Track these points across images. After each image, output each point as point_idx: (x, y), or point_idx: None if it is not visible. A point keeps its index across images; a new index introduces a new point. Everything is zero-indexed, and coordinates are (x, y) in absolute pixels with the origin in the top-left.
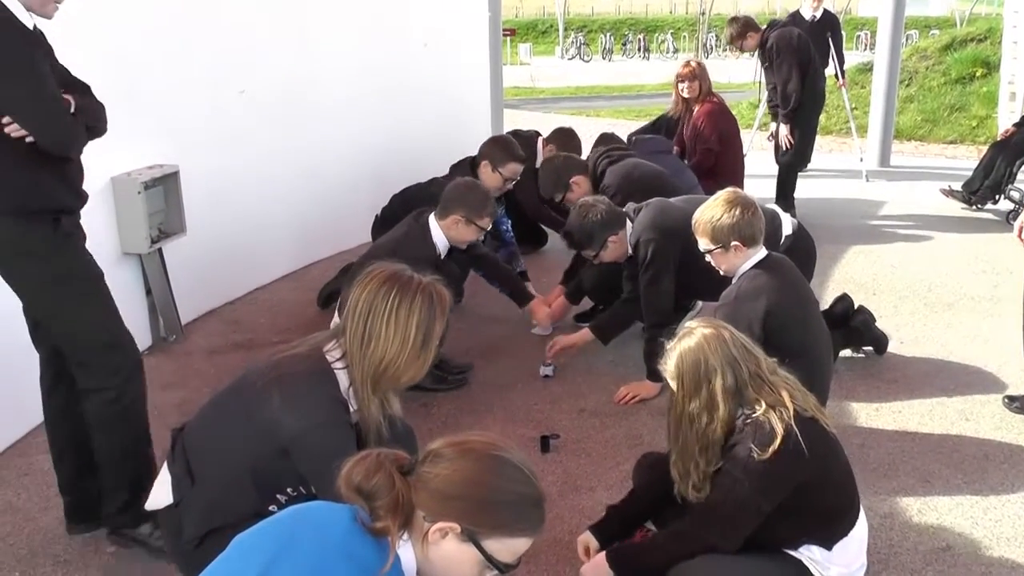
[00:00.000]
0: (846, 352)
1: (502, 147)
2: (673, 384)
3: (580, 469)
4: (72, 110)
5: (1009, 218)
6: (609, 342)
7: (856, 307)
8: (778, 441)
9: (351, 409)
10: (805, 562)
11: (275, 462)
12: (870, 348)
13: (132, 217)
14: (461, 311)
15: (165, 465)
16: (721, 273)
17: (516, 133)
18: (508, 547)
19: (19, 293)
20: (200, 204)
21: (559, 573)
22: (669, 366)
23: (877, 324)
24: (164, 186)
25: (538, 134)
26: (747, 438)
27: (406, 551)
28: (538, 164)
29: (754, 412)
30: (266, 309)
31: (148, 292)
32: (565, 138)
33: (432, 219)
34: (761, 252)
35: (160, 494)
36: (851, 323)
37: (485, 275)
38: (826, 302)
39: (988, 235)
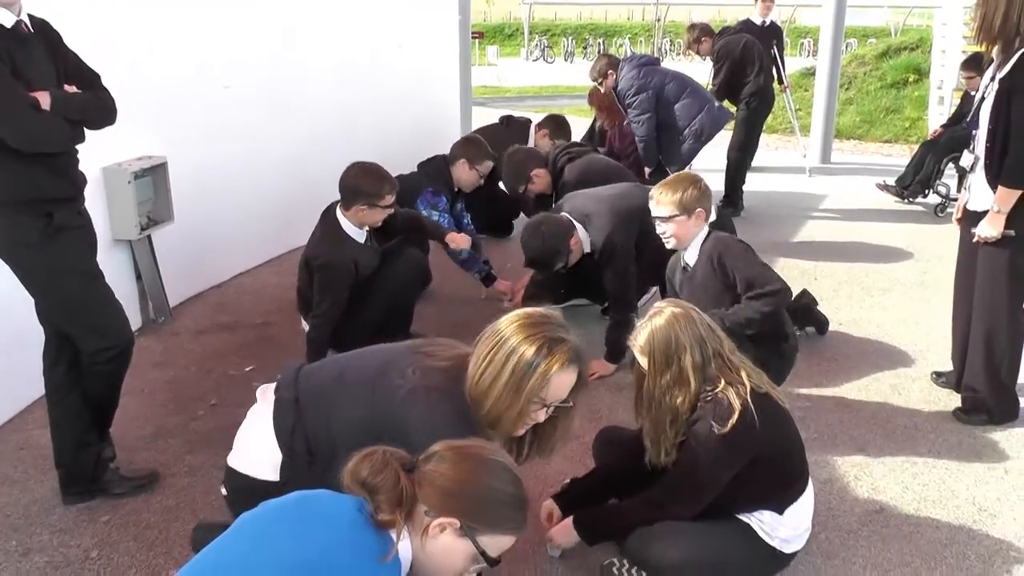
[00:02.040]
0: None
1: (477, 146)
2: (644, 360)
3: None
4: (44, 106)
5: (937, 211)
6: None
7: (800, 291)
8: (735, 416)
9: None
10: (754, 525)
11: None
12: (812, 329)
13: (122, 205)
14: (429, 293)
15: (272, 434)
16: (670, 245)
17: (510, 119)
18: (498, 543)
19: (19, 278)
20: (187, 193)
21: (529, 532)
22: (639, 342)
23: (819, 308)
24: (153, 176)
25: (530, 120)
26: (708, 414)
27: (403, 543)
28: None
29: (715, 388)
30: (250, 293)
31: (138, 277)
32: (557, 124)
33: (340, 214)
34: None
35: (254, 463)
36: (795, 305)
37: (412, 236)
38: None
39: (919, 226)
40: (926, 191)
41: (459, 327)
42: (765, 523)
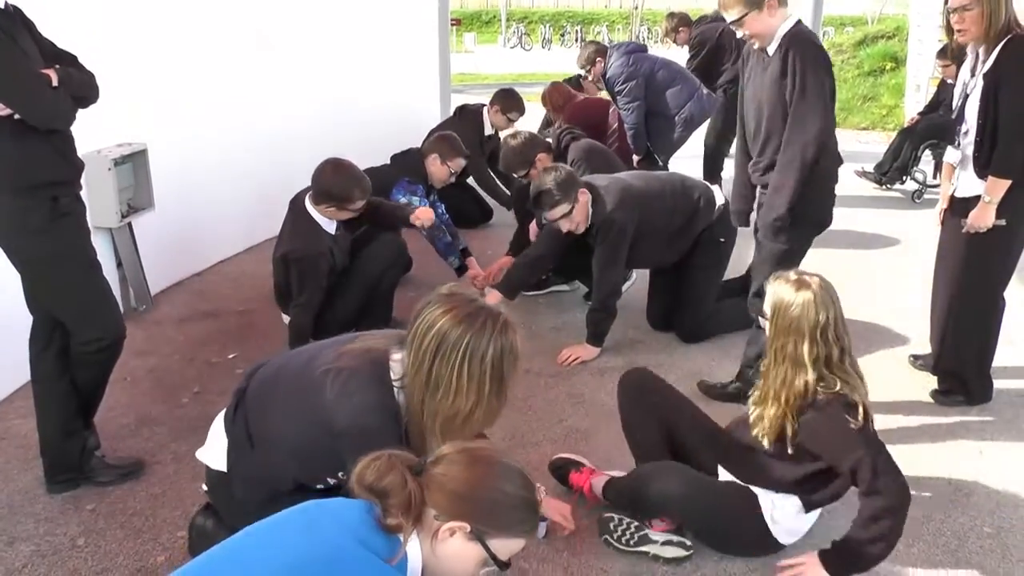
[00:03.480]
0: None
1: (450, 143)
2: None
3: (527, 425)
4: (55, 83)
5: (914, 197)
6: (514, 297)
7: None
8: (861, 412)
9: (402, 415)
10: (761, 500)
11: (326, 445)
12: None
13: (103, 193)
14: (409, 279)
15: (221, 422)
16: (756, 47)
17: (464, 107)
18: (508, 547)
19: (15, 265)
20: (168, 180)
21: None
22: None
23: None
24: (133, 163)
25: (483, 105)
26: (837, 410)
27: (413, 547)
28: (487, 131)
29: (833, 387)
30: (231, 280)
31: (119, 264)
32: (507, 97)
33: (309, 205)
34: (792, 18)
35: (214, 453)
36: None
37: (376, 222)
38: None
39: (896, 211)
40: (904, 178)
41: None
42: (777, 507)
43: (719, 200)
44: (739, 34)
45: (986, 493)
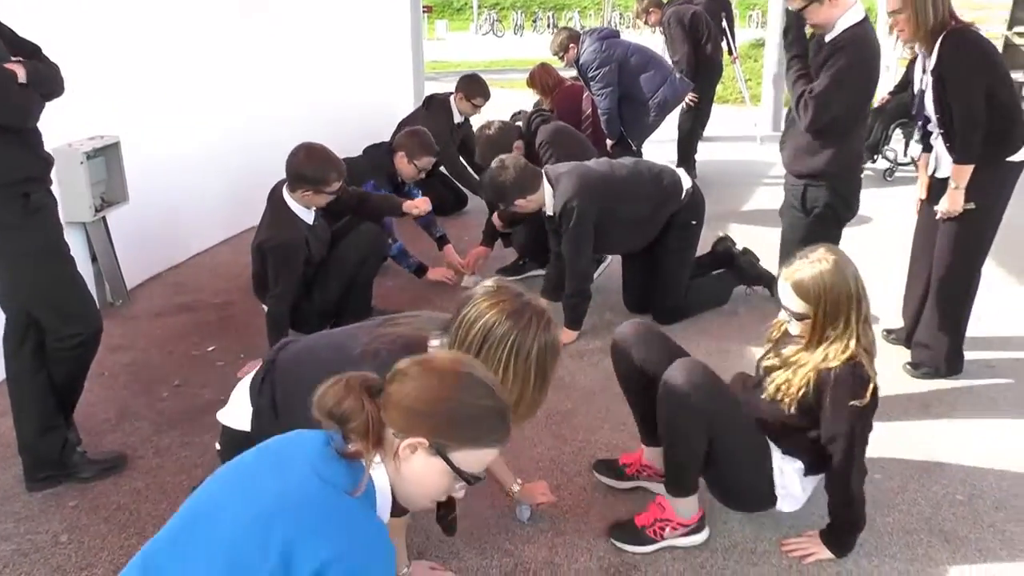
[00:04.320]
0: (740, 289)
1: (418, 141)
2: (803, 306)
3: None
4: (22, 79)
5: (886, 175)
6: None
7: (741, 249)
8: (870, 390)
9: None
10: (773, 454)
11: None
12: (763, 289)
13: (75, 187)
14: (387, 268)
15: (247, 389)
16: (819, 33)
17: (433, 96)
18: (475, 459)
19: None
20: (142, 173)
21: (497, 501)
22: (802, 284)
23: (762, 264)
24: (106, 156)
25: (451, 94)
26: (846, 379)
27: (379, 472)
28: (457, 120)
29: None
30: (208, 272)
31: (94, 259)
32: (471, 83)
33: (286, 195)
34: (858, 10)
35: (237, 416)
36: (736, 263)
37: (365, 214)
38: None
39: (867, 190)
40: (875, 156)
41: (421, 301)
42: (784, 471)
43: (686, 184)
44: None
45: (958, 462)
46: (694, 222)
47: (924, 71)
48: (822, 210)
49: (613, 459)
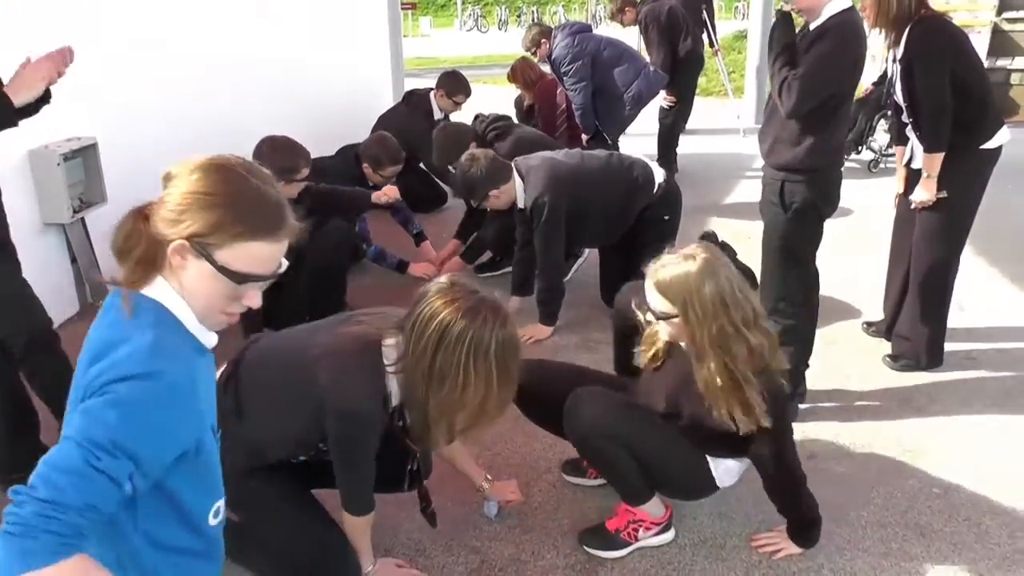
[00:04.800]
0: None
1: (383, 150)
2: (671, 307)
3: None
4: None
5: (871, 166)
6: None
7: (720, 243)
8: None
9: (392, 402)
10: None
11: (315, 420)
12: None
13: (52, 189)
14: (362, 265)
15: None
16: (804, 18)
17: (413, 92)
18: (244, 255)
19: None
20: (120, 173)
21: (464, 498)
22: (663, 285)
23: (741, 260)
24: (83, 157)
25: (431, 90)
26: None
27: (159, 289)
28: (437, 116)
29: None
30: None
31: (73, 260)
32: (452, 80)
33: None
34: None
35: None
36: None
37: (335, 211)
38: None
39: (852, 182)
40: (859, 148)
41: (395, 297)
42: (720, 462)
43: (659, 177)
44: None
45: (935, 455)
46: (667, 216)
47: (894, 60)
48: (801, 205)
49: (580, 458)
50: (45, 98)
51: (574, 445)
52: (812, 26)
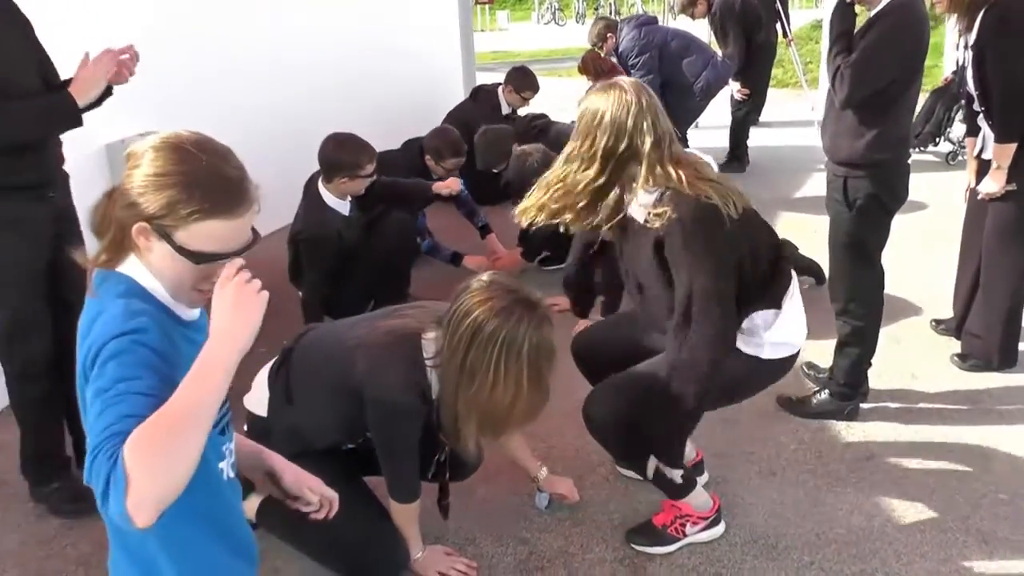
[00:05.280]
0: None
1: (444, 142)
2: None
3: None
4: None
5: (948, 159)
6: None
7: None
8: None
9: (432, 394)
10: (743, 340)
11: (357, 410)
12: (810, 279)
13: None
14: (428, 258)
15: (265, 373)
16: (865, 6)
17: (480, 88)
18: (201, 234)
19: None
20: None
21: (517, 489)
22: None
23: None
24: None
25: (499, 85)
26: (674, 221)
27: (131, 265)
28: (504, 111)
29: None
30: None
31: None
32: (520, 76)
33: (322, 188)
34: None
35: (257, 400)
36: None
37: (398, 203)
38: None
39: (929, 175)
40: (937, 139)
41: (454, 286)
42: (757, 327)
43: (714, 168)
44: None
45: (1003, 459)
46: None
47: (966, 47)
48: (865, 202)
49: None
50: (107, 91)
51: (605, 449)
52: (872, 13)
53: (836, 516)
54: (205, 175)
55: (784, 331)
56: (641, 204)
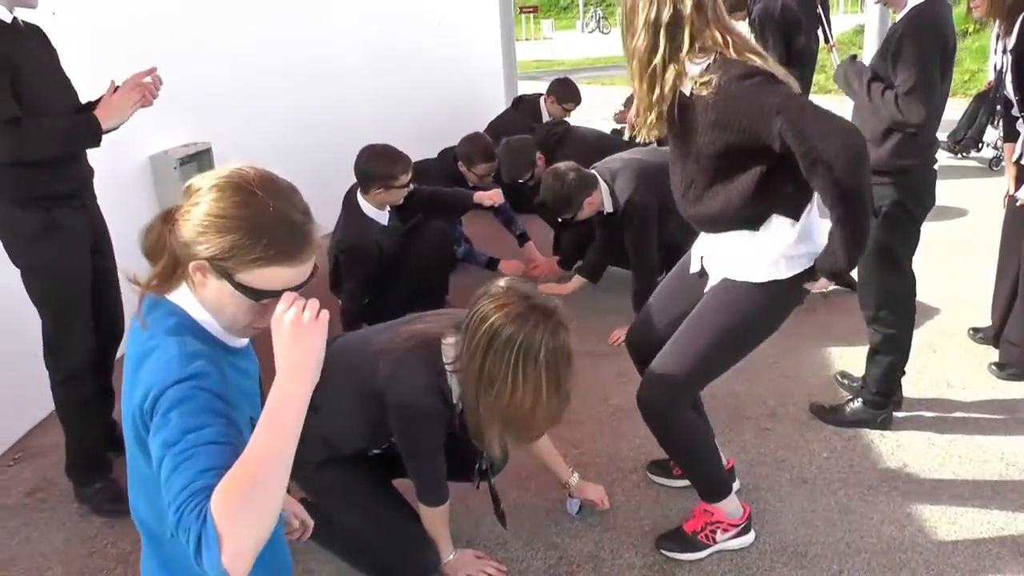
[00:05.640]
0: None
1: (474, 147)
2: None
3: (572, 404)
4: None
5: (992, 164)
6: (599, 280)
7: None
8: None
9: (453, 399)
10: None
11: (380, 415)
12: (843, 287)
13: (169, 191)
14: (466, 266)
15: None
16: (892, 9)
17: (522, 98)
18: (265, 276)
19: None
20: None
21: (549, 494)
22: None
23: None
24: (198, 162)
25: (540, 95)
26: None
27: (182, 296)
28: (545, 118)
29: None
30: None
31: None
32: (563, 86)
33: (360, 198)
34: None
35: None
36: None
37: (438, 212)
38: None
39: (970, 180)
40: (979, 145)
41: None
42: (781, 239)
43: None
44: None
45: None
46: None
47: (1004, 51)
48: (890, 209)
49: (666, 459)
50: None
51: (654, 434)
52: (898, 17)
53: (867, 525)
54: (271, 221)
55: (801, 244)
56: (689, 76)
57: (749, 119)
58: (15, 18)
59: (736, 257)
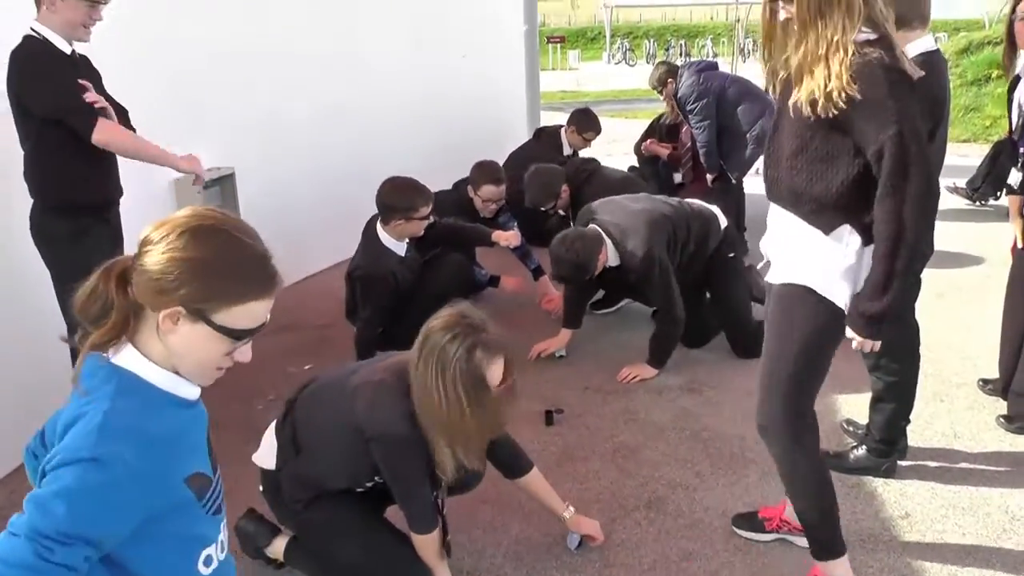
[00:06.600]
0: None
1: (480, 171)
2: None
3: (578, 440)
4: (90, 99)
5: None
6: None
7: None
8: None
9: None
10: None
11: (360, 452)
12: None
13: None
14: (482, 296)
15: (273, 429)
16: None
17: (543, 129)
18: (243, 314)
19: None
20: (254, 202)
21: (551, 529)
22: None
23: None
24: (222, 186)
25: (561, 126)
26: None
27: (127, 356)
28: (566, 152)
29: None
30: (314, 296)
31: None
32: (583, 117)
33: (379, 229)
34: (925, 42)
35: (266, 455)
36: None
37: (455, 246)
38: None
39: (988, 226)
40: (997, 193)
41: (511, 326)
42: (847, 246)
43: (723, 221)
44: None
45: None
46: (732, 255)
47: None
48: None
49: (752, 512)
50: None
51: (779, 463)
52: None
53: (866, 574)
54: (247, 259)
55: (851, 273)
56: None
57: (869, 108)
58: (73, 50)
59: (799, 258)
